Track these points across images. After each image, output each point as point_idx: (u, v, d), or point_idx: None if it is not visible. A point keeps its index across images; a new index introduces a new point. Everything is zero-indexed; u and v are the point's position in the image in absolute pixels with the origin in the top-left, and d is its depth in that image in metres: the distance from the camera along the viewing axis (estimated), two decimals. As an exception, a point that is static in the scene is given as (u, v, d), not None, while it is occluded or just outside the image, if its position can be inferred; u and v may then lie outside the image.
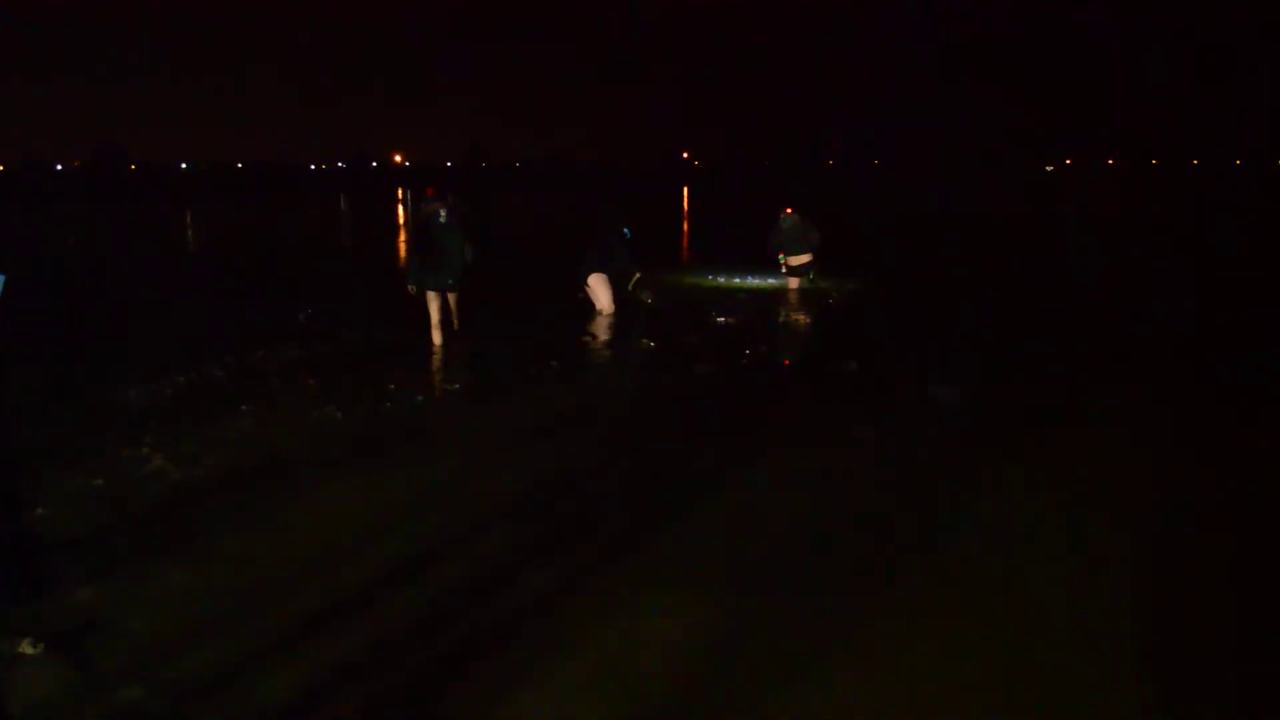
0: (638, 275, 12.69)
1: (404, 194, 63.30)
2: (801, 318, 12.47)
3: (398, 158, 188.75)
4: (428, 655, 3.89)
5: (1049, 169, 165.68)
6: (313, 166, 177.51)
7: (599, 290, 12.40)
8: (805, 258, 14.31)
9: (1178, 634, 4.05)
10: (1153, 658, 3.85)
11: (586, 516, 5.43)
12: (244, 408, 7.75)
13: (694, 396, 8.35)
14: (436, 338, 10.32)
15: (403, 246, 25.25)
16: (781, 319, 12.38)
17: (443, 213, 10.10)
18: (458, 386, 8.76)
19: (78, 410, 7.79)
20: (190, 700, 3.55)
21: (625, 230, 12.73)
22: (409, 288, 10.31)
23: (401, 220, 38.07)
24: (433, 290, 10.24)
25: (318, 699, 3.59)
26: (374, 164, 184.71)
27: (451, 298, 10.49)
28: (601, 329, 11.47)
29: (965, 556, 4.81)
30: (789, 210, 14.38)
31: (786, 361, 10.07)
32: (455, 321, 10.61)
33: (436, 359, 9.81)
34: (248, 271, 19.57)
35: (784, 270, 14.49)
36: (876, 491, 5.79)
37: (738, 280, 15.55)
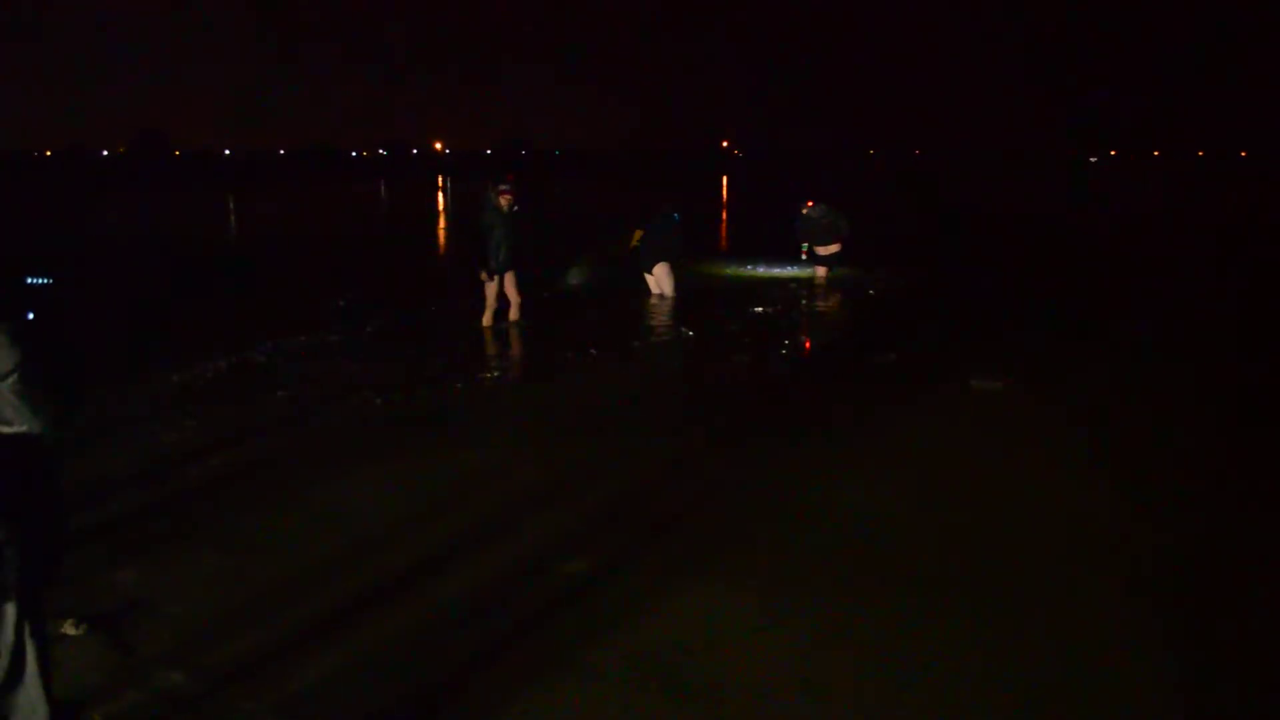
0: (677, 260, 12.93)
1: (444, 181, 63.44)
2: (840, 308, 12.34)
3: (438, 145, 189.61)
4: (462, 643, 3.87)
5: (1092, 160, 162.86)
6: (354, 153, 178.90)
7: (663, 278, 12.65)
8: (834, 247, 14.23)
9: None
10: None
11: (622, 508, 5.40)
12: (281, 393, 7.80)
13: (732, 386, 8.30)
14: (488, 319, 10.49)
15: (443, 234, 25.36)
16: (820, 309, 12.27)
17: (513, 202, 10.27)
18: (496, 374, 8.75)
19: (121, 393, 7.87)
20: (229, 685, 3.56)
21: (675, 215, 12.87)
22: (482, 274, 10.25)
23: (441, 207, 38.21)
24: (501, 274, 10.37)
25: (353, 686, 3.58)
26: (414, 151, 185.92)
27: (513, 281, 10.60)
28: (643, 317, 11.42)
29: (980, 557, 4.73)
30: (811, 203, 14.30)
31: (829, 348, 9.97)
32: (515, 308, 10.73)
33: (477, 345, 9.81)
34: (288, 257, 19.71)
35: (804, 257, 14.49)
36: (913, 486, 5.70)
37: (776, 270, 15.40)
